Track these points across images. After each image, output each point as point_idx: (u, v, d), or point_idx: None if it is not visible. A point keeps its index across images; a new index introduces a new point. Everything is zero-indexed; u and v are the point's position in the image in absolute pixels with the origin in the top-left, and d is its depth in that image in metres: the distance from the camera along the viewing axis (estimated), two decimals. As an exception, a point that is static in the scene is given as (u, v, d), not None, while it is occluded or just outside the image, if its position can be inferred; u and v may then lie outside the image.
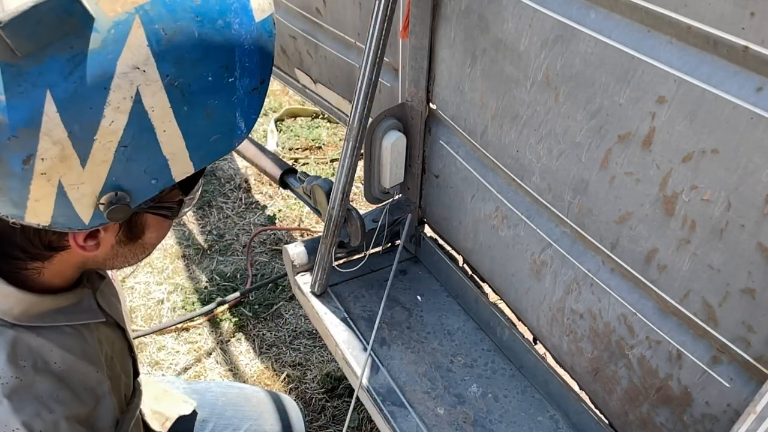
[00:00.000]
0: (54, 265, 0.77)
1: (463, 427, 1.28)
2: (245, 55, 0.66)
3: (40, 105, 0.56)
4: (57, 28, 0.55)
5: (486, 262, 1.45)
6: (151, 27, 0.59)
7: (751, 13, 0.71)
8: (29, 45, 0.55)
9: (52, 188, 0.61)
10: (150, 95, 0.60)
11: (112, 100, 0.59)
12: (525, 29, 1.06)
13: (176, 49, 0.60)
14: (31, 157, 0.58)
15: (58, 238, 0.73)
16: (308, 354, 2.23)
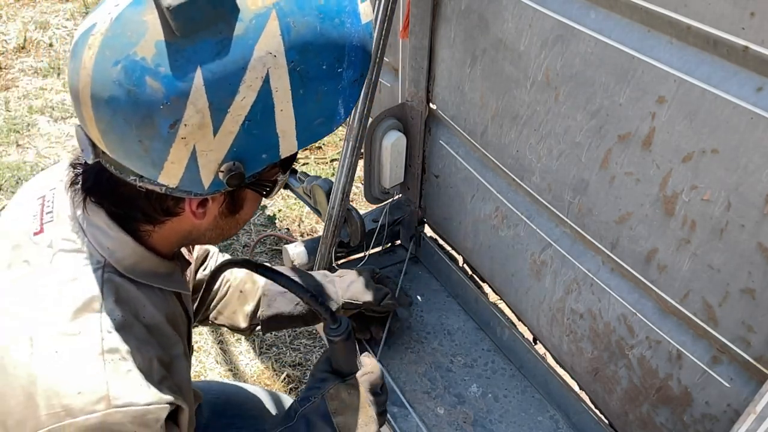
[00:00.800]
0: (163, 230, 0.86)
1: (463, 427, 1.28)
2: (352, 50, 0.76)
3: (191, 78, 0.67)
4: (211, 16, 0.66)
5: (486, 262, 1.45)
6: (284, 20, 0.69)
7: (751, 13, 0.71)
8: (187, 27, 0.66)
9: (187, 152, 0.71)
10: (276, 78, 0.70)
11: (246, 79, 0.69)
12: (525, 29, 1.06)
13: (301, 39, 0.71)
14: (177, 123, 0.68)
15: (175, 203, 0.81)
16: (308, 354, 2.23)
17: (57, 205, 0.85)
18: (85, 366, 0.75)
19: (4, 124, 3.20)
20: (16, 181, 2.85)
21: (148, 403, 0.77)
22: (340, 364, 1.06)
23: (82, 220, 0.82)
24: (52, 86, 3.55)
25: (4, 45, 3.86)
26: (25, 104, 3.39)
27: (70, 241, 0.82)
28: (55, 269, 0.80)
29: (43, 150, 3.08)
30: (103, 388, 0.74)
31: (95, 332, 0.77)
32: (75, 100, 0.72)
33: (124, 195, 0.80)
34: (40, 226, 0.84)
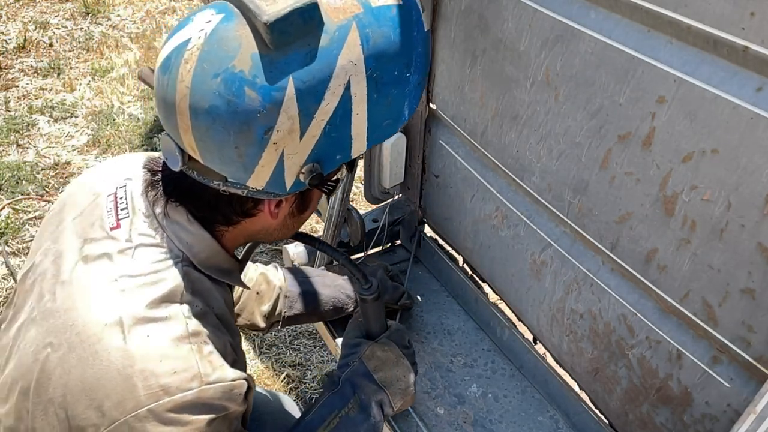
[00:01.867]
0: (236, 230, 0.92)
1: (463, 427, 1.28)
2: (418, 57, 0.83)
3: (284, 88, 0.73)
4: (301, 30, 0.73)
5: (486, 262, 1.45)
6: (363, 31, 0.76)
7: (751, 13, 0.71)
8: (281, 41, 0.72)
9: (276, 156, 0.77)
10: (356, 84, 0.77)
11: (331, 86, 0.75)
12: (525, 29, 1.06)
13: (378, 48, 0.78)
14: (271, 129, 0.74)
15: (254, 205, 0.88)
16: (308, 354, 2.23)
17: (131, 202, 0.90)
18: (175, 348, 0.81)
19: (4, 124, 3.20)
20: (16, 181, 2.86)
21: (233, 379, 0.84)
22: (371, 323, 1.17)
23: (161, 217, 0.88)
24: (52, 86, 3.55)
25: (4, 45, 3.86)
26: (25, 104, 3.39)
27: (149, 236, 0.87)
28: (138, 262, 0.85)
29: (43, 150, 3.08)
30: (195, 368, 0.81)
31: (180, 318, 0.83)
32: (169, 111, 0.77)
33: (205, 199, 0.86)
34: (116, 221, 0.89)
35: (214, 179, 0.82)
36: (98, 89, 3.54)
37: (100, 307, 0.82)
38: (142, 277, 0.84)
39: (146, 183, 0.91)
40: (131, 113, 3.37)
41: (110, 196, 0.92)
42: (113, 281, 0.84)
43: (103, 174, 0.99)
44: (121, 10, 4.37)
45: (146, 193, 0.90)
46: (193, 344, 0.82)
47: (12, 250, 2.54)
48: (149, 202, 0.89)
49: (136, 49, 3.93)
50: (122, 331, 0.80)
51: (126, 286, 0.83)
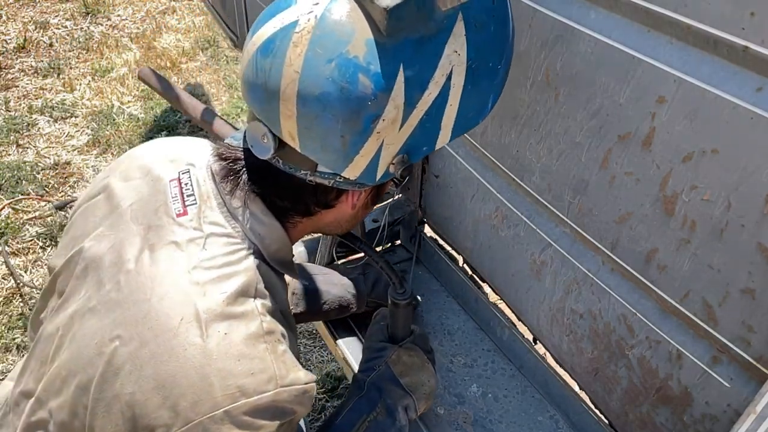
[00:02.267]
0: (309, 222, 0.91)
1: (463, 427, 1.28)
2: (509, 49, 0.82)
3: (395, 75, 0.71)
4: (414, 17, 0.70)
5: (486, 262, 1.45)
6: (468, 21, 0.74)
7: (751, 13, 0.71)
8: (395, 27, 0.70)
9: (376, 145, 0.76)
10: (457, 74, 0.75)
11: (435, 76, 0.74)
12: (525, 29, 1.06)
13: (479, 39, 0.76)
14: (377, 118, 0.73)
15: (336, 196, 0.86)
16: (308, 354, 2.23)
17: (197, 189, 0.87)
18: (252, 347, 0.78)
19: (4, 124, 3.20)
20: (16, 181, 2.85)
21: (306, 382, 0.82)
22: (398, 328, 1.16)
23: (236, 206, 0.85)
24: (52, 86, 3.55)
25: (4, 45, 3.86)
26: (25, 104, 3.39)
27: (219, 225, 0.84)
28: (210, 252, 0.82)
29: (43, 150, 3.08)
30: (271, 369, 0.78)
31: (255, 315, 0.80)
32: (270, 96, 0.74)
33: (290, 188, 0.84)
34: (183, 208, 0.85)
35: (303, 168, 0.80)
36: (98, 89, 3.54)
37: (176, 299, 0.78)
38: (216, 270, 0.81)
39: (223, 170, 0.87)
40: (131, 113, 3.37)
41: (173, 181, 0.89)
42: (186, 272, 0.80)
43: (158, 158, 0.94)
44: (121, 10, 4.37)
45: (225, 180, 0.86)
46: (268, 343, 0.80)
47: (12, 250, 2.54)
48: (224, 190, 0.86)
49: (136, 49, 3.93)
50: (200, 326, 0.76)
51: (200, 278, 0.80)
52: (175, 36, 4.10)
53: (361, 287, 1.36)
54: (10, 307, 2.33)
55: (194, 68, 3.82)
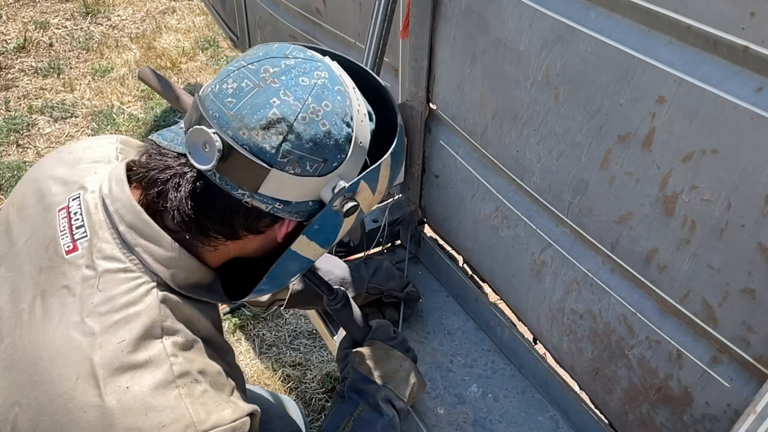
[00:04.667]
0: (232, 245, 0.83)
1: (463, 427, 1.28)
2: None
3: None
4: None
5: (486, 262, 1.45)
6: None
7: (751, 13, 0.71)
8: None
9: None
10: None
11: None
12: (525, 29, 1.06)
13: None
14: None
15: (269, 223, 0.80)
16: (308, 354, 2.23)
17: (87, 218, 0.78)
18: (161, 397, 0.71)
19: (4, 124, 3.20)
20: (16, 181, 2.85)
21: (233, 420, 0.75)
22: (352, 331, 1.19)
23: (129, 234, 0.76)
24: (52, 86, 3.55)
25: (4, 45, 3.86)
26: (25, 104, 3.39)
27: (115, 259, 0.76)
28: (105, 294, 0.74)
29: (43, 150, 3.08)
30: (187, 416, 0.71)
31: (163, 358, 0.73)
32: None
33: (220, 207, 0.77)
34: (72, 243, 0.76)
35: (243, 187, 0.74)
36: (98, 89, 3.54)
37: (68, 357, 0.71)
38: (112, 314, 0.72)
39: (137, 183, 0.79)
40: (131, 113, 3.37)
41: (62, 210, 0.79)
42: (79, 323, 0.72)
43: (51, 179, 0.85)
44: (121, 10, 4.37)
45: (131, 197, 0.78)
46: (181, 387, 0.72)
47: (12, 250, 2.54)
48: (121, 211, 0.77)
49: (136, 49, 3.93)
50: (97, 384, 0.69)
51: (94, 327, 0.72)
52: (175, 36, 4.10)
53: (362, 272, 1.36)
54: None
55: (194, 68, 3.82)
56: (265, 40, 2.32)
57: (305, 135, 0.73)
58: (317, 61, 0.78)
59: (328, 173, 0.77)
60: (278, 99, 0.73)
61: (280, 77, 0.74)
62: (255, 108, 0.72)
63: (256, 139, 0.72)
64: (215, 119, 0.73)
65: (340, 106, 0.76)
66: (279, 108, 0.72)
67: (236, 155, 0.72)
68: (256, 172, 0.73)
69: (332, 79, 0.77)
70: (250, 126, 0.72)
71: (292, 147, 0.73)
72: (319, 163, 0.76)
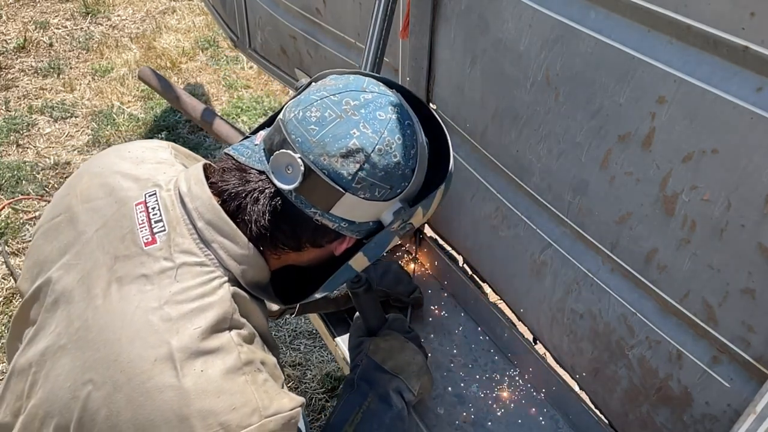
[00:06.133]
0: (294, 255, 0.90)
1: (463, 427, 1.28)
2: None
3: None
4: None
5: (486, 262, 1.45)
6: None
7: (751, 13, 0.71)
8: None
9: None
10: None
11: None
12: (525, 29, 1.06)
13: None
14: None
15: (332, 238, 0.87)
16: (308, 354, 2.23)
17: (166, 214, 0.84)
18: (231, 381, 0.76)
19: (4, 124, 3.20)
20: (16, 181, 2.85)
21: (291, 408, 0.81)
22: (369, 318, 1.20)
23: (207, 231, 0.82)
24: (52, 86, 3.55)
25: (4, 45, 3.86)
26: (25, 104, 3.39)
27: (191, 254, 0.81)
28: (182, 285, 0.79)
29: (43, 150, 3.08)
30: (254, 401, 0.76)
31: (231, 347, 0.78)
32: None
33: (293, 222, 0.84)
34: (151, 236, 0.82)
35: (316, 207, 0.82)
36: (98, 89, 3.54)
37: (147, 339, 0.75)
38: (188, 303, 0.78)
39: (214, 188, 0.85)
40: (131, 113, 3.37)
41: (139, 205, 0.85)
42: (157, 308, 0.77)
43: (121, 175, 0.90)
44: (121, 10, 4.37)
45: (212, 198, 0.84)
46: (247, 375, 0.78)
47: (12, 250, 2.54)
48: (201, 209, 0.83)
49: (136, 49, 3.93)
50: (174, 367, 0.74)
51: (172, 313, 0.77)
52: (175, 36, 4.10)
53: (371, 273, 1.38)
54: (10, 307, 2.33)
55: (194, 68, 3.82)
56: (265, 41, 2.32)
57: (379, 164, 0.81)
58: (390, 96, 0.85)
59: (392, 198, 0.85)
60: (358, 131, 0.79)
61: (359, 110, 0.81)
62: (336, 137, 0.79)
63: (335, 166, 0.79)
64: (298, 144, 0.80)
65: (409, 140, 0.83)
66: (359, 139, 0.79)
67: (315, 178, 0.80)
68: (332, 195, 0.81)
69: (403, 114, 0.84)
70: (331, 153, 0.79)
71: (367, 175, 0.80)
72: (386, 190, 0.83)
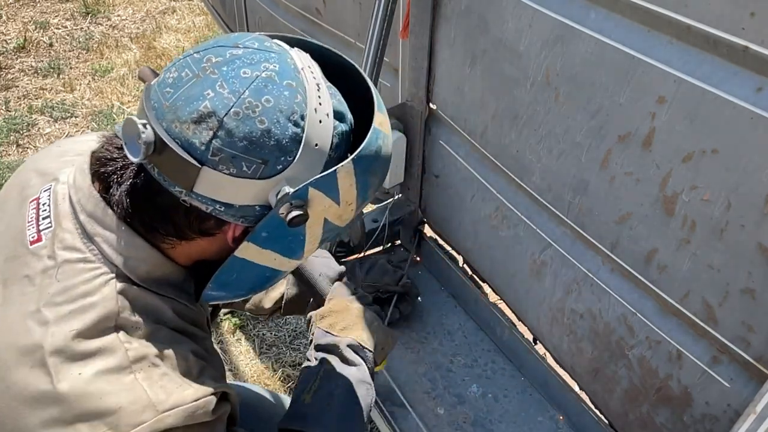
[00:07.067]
0: (189, 246, 0.79)
1: (463, 427, 1.28)
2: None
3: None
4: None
5: (486, 263, 1.45)
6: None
7: (751, 13, 0.71)
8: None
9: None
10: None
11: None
12: (525, 29, 1.06)
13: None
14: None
15: (216, 225, 0.75)
16: (307, 353, 2.23)
17: (54, 209, 0.77)
18: (115, 381, 0.70)
19: (4, 124, 3.20)
20: (16, 181, 2.86)
21: (195, 399, 0.73)
22: (312, 293, 1.13)
23: (89, 224, 0.75)
24: (52, 86, 3.55)
25: (4, 45, 3.86)
26: (25, 104, 3.39)
27: (75, 249, 0.74)
28: (63, 284, 0.73)
29: (43, 150, 3.09)
30: (144, 397, 0.70)
31: (116, 346, 0.72)
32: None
33: (157, 204, 0.74)
34: (37, 234, 0.76)
35: (178, 184, 0.70)
36: (98, 89, 3.54)
37: (23, 345, 0.71)
38: (68, 304, 0.72)
39: (93, 175, 0.76)
40: (131, 113, 3.37)
41: (33, 201, 0.79)
42: (35, 312, 0.72)
43: (34, 170, 0.85)
44: (121, 10, 4.37)
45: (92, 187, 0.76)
46: (137, 372, 0.71)
47: (12, 250, 2.54)
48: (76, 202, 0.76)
49: (136, 49, 3.93)
50: (48, 372, 0.69)
51: (49, 316, 0.71)
52: (175, 36, 4.10)
53: (356, 272, 1.37)
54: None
55: (194, 68, 3.81)
56: (265, 40, 2.32)
57: (238, 132, 0.67)
58: (271, 52, 0.71)
59: (271, 176, 0.70)
60: (213, 91, 0.67)
61: (221, 68, 0.68)
62: (189, 100, 0.67)
63: (186, 134, 0.67)
64: (153, 110, 0.69)
65: (286, 103, 0.68)
66: (211, 101, 0.66)
67: (168, 150, 0.68)
68: (188, 169, 0.68)
69: (283, 72, 0.69)
70: (182, 119, 0.67)
71: (223, 144, 0.67)
72: (257, 164, 0.69)
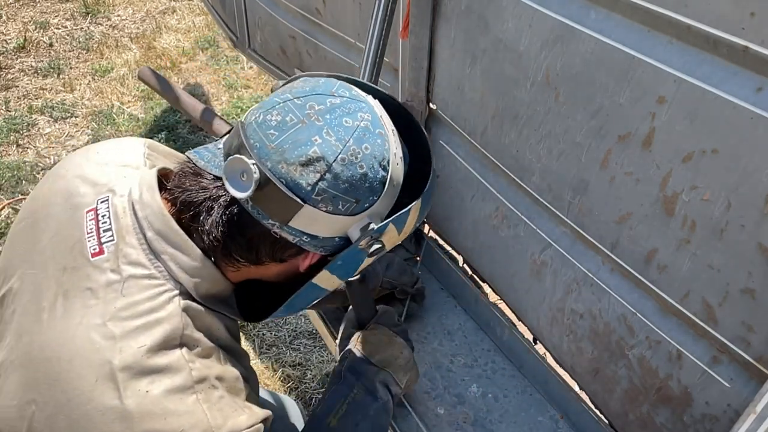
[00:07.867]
0: (253, 270, 0.84)
1: (463, 427, 1.28)
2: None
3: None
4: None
5: (486, 262, 1.45)
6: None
7: (751, 13, 0.71)
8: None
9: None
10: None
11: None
12: (525, 29, 1.06)
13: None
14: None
15: (295, 254, 0.81)
16: (308, 354, 2.23)
17: (115, 221, 0.78)
18: (179, 402, 0.72)
19: (4, 124, 3.20)
20: (16, 182, 2.86)
21: (248, 426, 0.77)
22: (360, 310, 1.19)
23: (157, 241, 0.77)
24: (52, 86, 3.55)
25: (4, 45, 3.86)
26: (25, 104, 3.39)
27: (140, 265, 0.76)
28: (129, 299, 0.74)
29: (43, 150, 3.08)
30: (204, 421, 0.72)
31: (182, 364, 0.74)
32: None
33: (248, 234, 0.78)
34: (98, 246, 0.77)
35: (273, 218, 0.75)
36: (98, 89, 3.54)
37: (87, 358, 0.71)
38: (135, 319, 0.73)
39: (172, 198, 0.79)
40: (131, 113, 3.37)
41: (90, 212, 0.80)
42: (100, 325, 0.72)
43: (80, 178, 0.85)
44: (121, 10, 4.38)
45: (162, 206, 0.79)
46: (199, 393, 0.73)
47: (12, 250, 2.54)
48: (150, 218, 0.78)
49: (136, 49, 3.93)
50: (117, 387, 0.70)
51: (116, 331, 0.72)
52: (175, 36, 4.10)
53: (376, 266, 1.37)
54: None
55: (194, 68, 3.82)
56: (264, 41, 2.32)
57: (342, 176, 0.74)
58: (361, 101, 0.79)
59: (358, 213, 0.78)
60: (320, 138, 0.73)
61: (324, 116, 0.75)
62: (296, 144, 0.73)
63: (293, 175, 0.73)
64: (255, 149, 0.74)
65: (379, 150, 0.77)
66: (320, 147, 0.73)
67: (272, 187, 0.73)
68: (290, 206, 0.74)
69: (374, 121, 0.78)
70: (290, 161, 0.73)
71: (328, 186, 0.74)
72: (351, 203, 0.76)
